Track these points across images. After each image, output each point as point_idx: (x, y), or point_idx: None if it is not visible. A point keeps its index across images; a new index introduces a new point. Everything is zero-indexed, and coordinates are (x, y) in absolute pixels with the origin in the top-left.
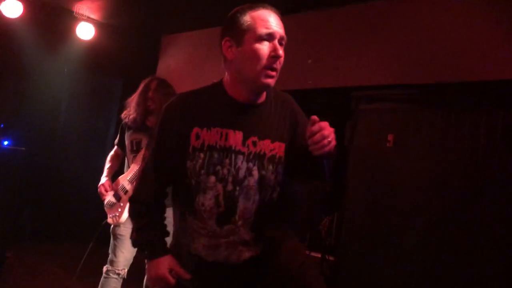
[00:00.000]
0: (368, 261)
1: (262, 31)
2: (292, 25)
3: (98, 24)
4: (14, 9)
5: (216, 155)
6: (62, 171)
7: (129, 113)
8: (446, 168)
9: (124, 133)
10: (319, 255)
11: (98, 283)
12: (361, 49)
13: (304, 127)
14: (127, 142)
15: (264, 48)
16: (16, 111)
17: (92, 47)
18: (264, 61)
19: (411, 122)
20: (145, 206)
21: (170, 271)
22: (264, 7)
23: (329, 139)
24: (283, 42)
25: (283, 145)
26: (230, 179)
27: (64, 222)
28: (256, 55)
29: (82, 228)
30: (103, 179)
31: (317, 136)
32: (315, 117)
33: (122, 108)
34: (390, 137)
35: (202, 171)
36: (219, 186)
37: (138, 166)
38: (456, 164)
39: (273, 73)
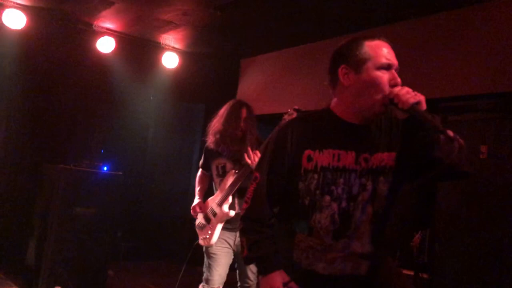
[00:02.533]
0: (465, 278)
1: (383, 60)
2: None
3: (181, 53)
4: (108, 45)
5: (329, 176)
6: (152, 193)
7: (214, 138)
8: None
9: (208, 157)
10: (412, 273)
11: None
12: (447, 59)
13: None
14: (212, 166)
15: (385, 76)
16: (112, 138)
17: (176, 75)
18: (385, 89)
19: (504, 132)
20: (257, 223)
21: (284, 285)
22: (380, 38)
23: (413, 92)
24: (397, 72)
25: (392, 154)
26: (344, 196)
27: (155, 242)
28: (377, 82)
29: (173, 247)
30: (196, 200)
31: (399, 88)
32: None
33: (205, 131)
34: (483, 149)
35: (317, 191)
36: (334, 205)
37: (225, 190)
38: None
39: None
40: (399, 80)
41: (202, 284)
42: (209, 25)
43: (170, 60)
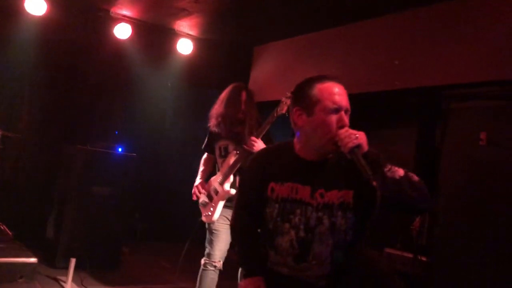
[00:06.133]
0: (463, 261)
1: (330, 105)
2: (377, 28)
3: (195, 40)
4: (124, 31)
5: (288, 206)
6: (166, 175)
7: (216, 121)
8: None
9: (212, 139)
10: (411, 255)
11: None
12: (451, 46)
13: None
14: (216, 148)
15: (332, 119)
16: (127, 121)
17: (190, 62)
18: (332, 131)
19: (504, 119)
20: (239, 234)
21: None
22: (329, 79)
23: (355, 135)
24: (348, 113)
25: (350, 192)
26: (302, 226)
27: (170, 223)
28: (325, 125)
29: (187, 228)
30: (197, 180)
31: (343, 131)
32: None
33: None
34: (482, 135)
35: (278, 218)
36: (292, 232)
37: (226, 170)
38: None
39: None
40: (346, 121)
41: (204, 258)
42: (222, 11)
43: (184, 47)
